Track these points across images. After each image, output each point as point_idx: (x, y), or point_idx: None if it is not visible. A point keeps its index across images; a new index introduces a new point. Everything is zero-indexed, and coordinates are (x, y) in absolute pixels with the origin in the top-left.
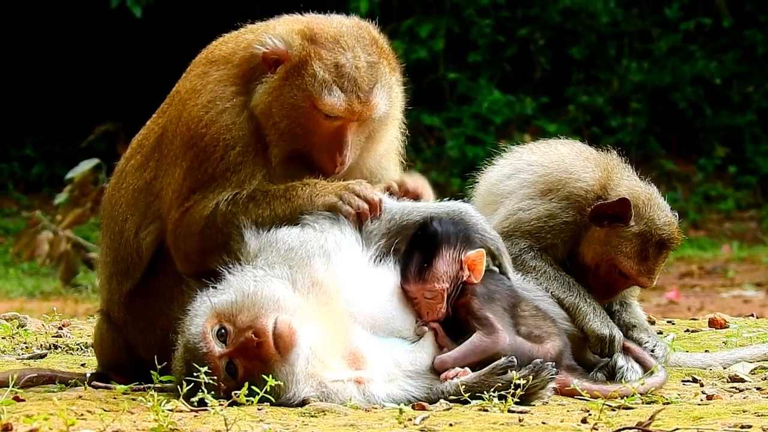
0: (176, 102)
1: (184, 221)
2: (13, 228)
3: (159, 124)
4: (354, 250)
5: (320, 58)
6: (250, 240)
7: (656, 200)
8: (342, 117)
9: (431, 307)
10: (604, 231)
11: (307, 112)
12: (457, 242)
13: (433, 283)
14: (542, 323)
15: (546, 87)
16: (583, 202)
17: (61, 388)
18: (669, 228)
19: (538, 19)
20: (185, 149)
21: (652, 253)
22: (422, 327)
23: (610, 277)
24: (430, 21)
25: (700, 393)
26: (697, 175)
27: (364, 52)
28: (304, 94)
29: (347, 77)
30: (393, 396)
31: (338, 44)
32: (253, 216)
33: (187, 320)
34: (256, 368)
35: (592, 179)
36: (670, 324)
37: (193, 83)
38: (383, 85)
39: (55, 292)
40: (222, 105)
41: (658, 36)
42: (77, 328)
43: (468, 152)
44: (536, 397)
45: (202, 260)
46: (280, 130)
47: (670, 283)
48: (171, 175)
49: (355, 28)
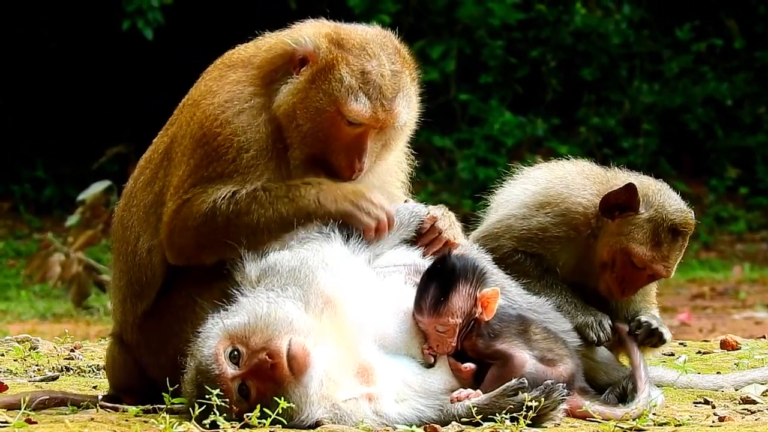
0: (188, 106)
1: (180, 214)
2: (24, 250)
3: (167, 134)
4: (356, 262)
5: (347, 64)
6: (248, 266)
7: (667, 190)
8: (365, 124)
9: (442, 340)
10: (616, 223)
11: (332, 116)
12: (473, 278)
13: (447, 318)
14: (554, 346)
15: (557, 108)
16: (580, 218)
17: (73, 410)
18: (681, 214)
19: (549, 40)
20: (195, 147)
21: (664, 238)
22: (429, 356)
23: (626, 269)
24: (442, 42)
25: (711, 415)
26: (709, 197)
27: (388, 61)
28: (330, 98)
29: (372, 84)
30: (405, 416)
31: (365, 51)
32: (255, 216)
33: (199, 342)
34: (269, 390)
35: (591, 195)
36: (682, 345)
37: (209, 85)
38: (405, 94)
39: (66, 314)
40: (240, 106)
41: (670, 57)
42: (89, 350)
43: (479, 174)
44: (548, 419)
45: (197, 255)
46: (303, 132)
47: (682, 305)
48: (175, 174)
49: (380, 36)
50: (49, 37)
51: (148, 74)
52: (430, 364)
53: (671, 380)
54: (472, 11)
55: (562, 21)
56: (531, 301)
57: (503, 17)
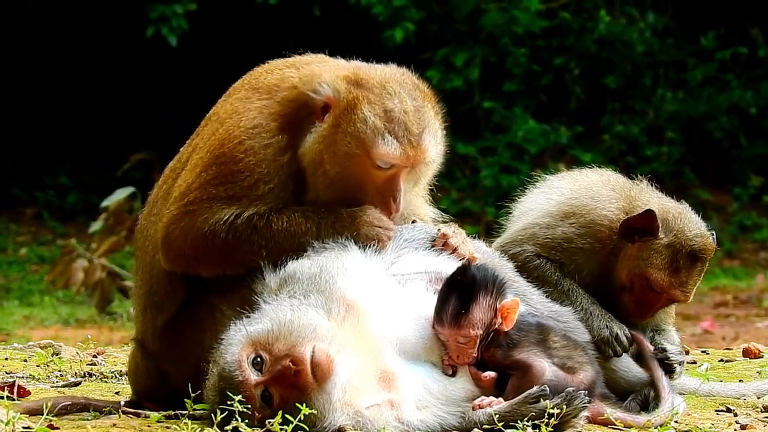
0: (213, 121)
1: (182, 223)
2: (48, 256)
3: (191, 145)
4: (375, 269)
5: (369, 102)
6: (267, 275)
7: (687, 214)
8: (396, 164)
9: (462, 351)
10: (635, 247)
11: (361, 160)
12: (494, 289)
13: (468, 330)
14: (573, 353)
15: (581, 116)
16: (605, 230)
17: (95, 416)
18: (700, 239)
19: (573, 48)
20: (211, 162)
21: (683, 264)
22: (449, 367)
23: (644, 294)
24: (465, 50)
25: (734, 423)
26: (732, 205)
27: (409, 97)
28: (357, 141)
29: (397, 122)
30: (426, 423)
31: (384, 89)
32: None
33: (222, 349)
34: (292, 397)
35: (616, 209)
36: (705, 354)
37: (235, 106)
38: (431, 129)
39: (89, 320)
40: (267, 138)
41: (694, 65)
42: (112, 356)
43: (503, 181)
44: (569, 426)
45: (194, 266)
46: (330, 178)
47: (705, 313)
48: (185, 179)
49: (398, 74)
50: (75, 44)
51: (173, 81)
52: (449, 374)
53: (693, 388)
54: (496, 19)
55: (586, 29)
56: (553, 310)
57: (527, 25)
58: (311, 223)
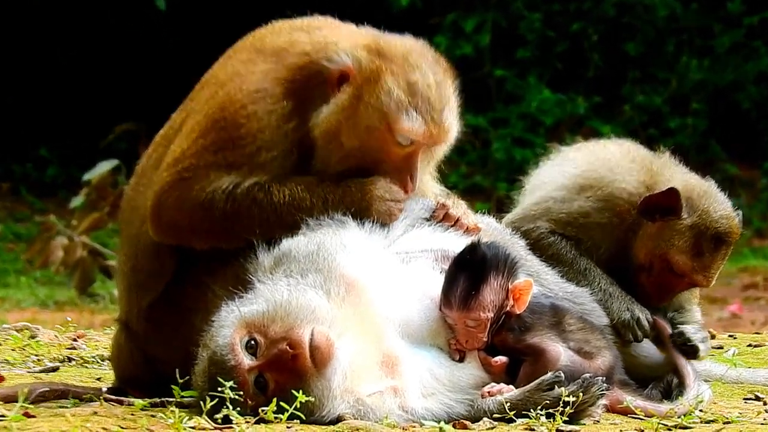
0: (211, 84)
1: (176, 192)
2: (25, 233)
3: (185, 110)
4: (375, 245)
5: (392, 74)
6: (260, 254)
7: (713, 193)
8: (417, 142)
9: (471, 335)
10: (656, 226)
11: (382, 135)
12: (505, 268)
13: (478, 312)
14: (590, 336)
15: (599, 85)
16: (624, 204)
17: (75, 403)
18: (726, 221)
19: (591, 13)
20: (209, 128)
21: (707, 247)
22: (456, 351)
23: (664, 276)
24: (476, 15)
25: (763, 411)
26: (762, 181)
27: (431, 71)
28: (380, 114)
29: (421, 97)
30: (432, 411)
31: (407, 61)
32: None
33: (213, 331)
34: (288, 383)
35: (636, 182)
36: (732, 338)
37: (237, 68)
38: (451, 107)
39: (69, 302)
40: (271, 104)
41: (720, 32)
42: (93, 339)
43: (516, 155)
44: (586, 415)
45: (186, 237)
46: (344, 151)
47: (733, 296)
48: (179, 145)
49: (417, 45)
50: (54, 7)
51: (161, 47)
52: (456, 359)
53: (719, 374)
54: None
55: None
56: (568, 291)
57: None
58: (317, 197)
